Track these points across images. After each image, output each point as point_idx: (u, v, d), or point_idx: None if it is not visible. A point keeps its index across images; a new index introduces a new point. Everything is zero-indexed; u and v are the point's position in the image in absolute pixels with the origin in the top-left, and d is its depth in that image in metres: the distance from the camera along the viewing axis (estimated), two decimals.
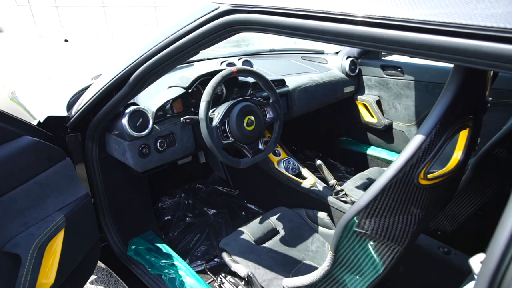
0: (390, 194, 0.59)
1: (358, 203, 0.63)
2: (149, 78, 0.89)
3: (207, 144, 1.15)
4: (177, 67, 1.68)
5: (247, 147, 1.26)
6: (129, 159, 1.13)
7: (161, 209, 1.78)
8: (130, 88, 0.93)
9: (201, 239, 1.60)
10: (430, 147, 0.57)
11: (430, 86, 1.72)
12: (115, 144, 1.16)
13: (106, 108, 1.02)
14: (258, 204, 1.86)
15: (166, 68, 0.86)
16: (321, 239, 1.36)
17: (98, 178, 1.24)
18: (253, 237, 1.28)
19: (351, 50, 2.00)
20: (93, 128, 1.12)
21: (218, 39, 0.75)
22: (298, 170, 1.64)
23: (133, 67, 0.88)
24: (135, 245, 1.31)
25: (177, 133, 1.25)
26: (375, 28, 0.49)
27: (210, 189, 1.96)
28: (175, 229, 1.65)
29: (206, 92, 1.14)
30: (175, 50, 0.79)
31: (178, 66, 1.70)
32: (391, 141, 2.01)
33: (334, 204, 1.41)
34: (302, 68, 1.97)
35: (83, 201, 1.01)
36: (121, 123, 1.09)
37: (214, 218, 1.74)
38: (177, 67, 1.69)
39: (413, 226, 0.65)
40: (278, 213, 1.41)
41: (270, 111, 1.35)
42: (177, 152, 1.27)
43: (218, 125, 1.17)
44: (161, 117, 1.22)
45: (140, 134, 1.12)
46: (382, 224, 0.63)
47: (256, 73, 1.27)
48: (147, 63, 0.85)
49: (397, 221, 0.63)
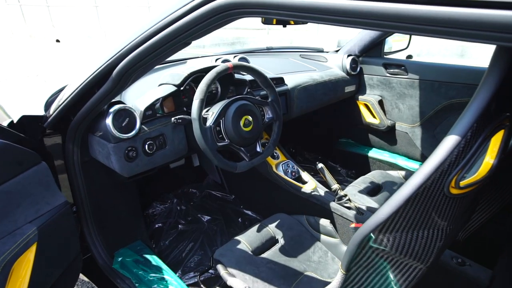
0: (415, 206, 0.50)
1: (377, 216, 0.53)
2: (134, 72, 0.79)
3: (200, 146, 1.05)
4: (168, 65, 1.58)
5: (244, 149, 1.16)
6: (114, 163, 1.02)
7: (152, 216, 1.67)
8: (113, 84, 0.82)
9: (195, 248, 1.50)
10: (465, 150, 0.48)
11: (435, 85, 1.64)
12: (98, 146, 1.05)
13: (88, 107, 0.92)
14: (255, 210, 1.76)
15: (153, 61, 0.76)
16: (323, 248, 1.27)
17: (81, 183, 1.13)
18: (250, 247, 1.19)
19: (351, 48, 1.92)
20: (73, 129, 1.02)
21: (212, 26, 0.65)
22: (297, 174, 1.55)
23: (115, 59, 0.78)
24: (121, 256, 1.20)
25: (168, 135, 1.14)
26: (401, 4, 0.40)
27: (204, 194, 1.85)
28: (166, 237, 1.54)
29: (199, 90, 1.04)
30: (163, 39, 0.69)
31: (170, 64, 1.61)
32: (394, 143, 1.93)
33: (337, 210, 1.32)
34: (301, 67, 1.88)
35: (60, 210, 0.90)
36: (104, 123, 0.98)
37: (209, 225, 1.63)
38: (169, 64, 1.60)
39: (439, 241, 0.55)
40: (277, 220, 1.32)
41: (268, 111, 1.25)
42: (168, 155, 1.16)
43: (212, 126, 1.07)
44: (150, 117, 1.11)
45: (126, 136, 1.01)
46: (404, 240, 0.54)
47: (253, 69, 1.17)
48: (131, 55, 0.74)
49: (421, 236, 0.54)
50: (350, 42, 1.93)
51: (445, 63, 1.61)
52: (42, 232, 0.81)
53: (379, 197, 1.52)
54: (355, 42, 1.89)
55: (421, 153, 1.80)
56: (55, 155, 1.10)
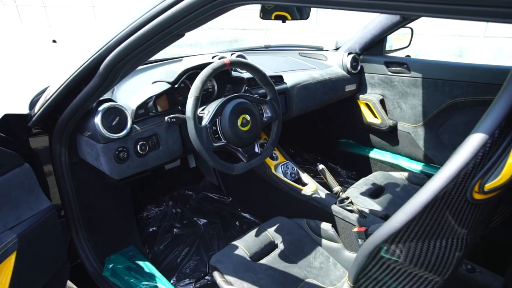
0: (434, 213, 0.45)
1: (390, 224, 0.48)
2: (123, 67, 0.73)
3: (196, 146, 1.00)
4: (163, 62, 1.53)
5: (242, 150, 1.10)
6: (103, 164, 0.96)
7: (146, 219, 1.61)
8: (100, 80, 0.76)
9: (190, 253, 1.44)
10: (491, 151, 0.43)
11: (439, 83, 1.59)
12: (87, 147, 0.99)
13: (74, 104, 0.86)
14: (253, 213, 1.70)
15: (144, 55, 0.70)
16: (325, 254, 1.21)
17: (69, 186, 1.07)
18: (248, 253, 1.13)
19: (352, 46, 1.87)
20: (60, 129, 0.96)
21: (205, 16, 0.59)
22: (297, 176, 1.49)
23: (102, 53, 0.72)
24: (112, 263, 1.14)
25: (162, 135, 1.09)
26: None
27: (200, 197, 1.79)
28: (160, 242, 1.48)
29: (194, 87, 0.99)
30: (153, 30, 0.63)
31: (165, 61, 1.55)
32: (396, 143, 1.88)
33: (338, 214, 1.27)
34: (301, 65, 1.83)
35: (45, 215, 0.84)
36: (93, 122, 0.92)
37: (205, 228, 1.58)
38: (164, 62, 1.54)
39: (459, 251, 0.50)
40: (276, 224, 1.26)
41: (267, 110, 1.20)
42: (161, 156, 1.10)
43: (208, 125, 1.01)
44: (143, 116, 1.05)
45: (117, 136, 0.95)
46: (420, 250, 0.48)
47: (251, 66, 1.12)
48: (119, 47, 0.69)
49: (439, 246, 0.49)
50: (350, 40, 1.88)
51: (449, 61, 1.56)
52: (23, 240, 0.75)
53: (381, 199, 1.47)
54: (356, 40, 1.84)
55: (424, 153, 1.75)
56: (42, 157, 1.04)
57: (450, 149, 1.66)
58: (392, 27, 1.64)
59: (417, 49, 6.27)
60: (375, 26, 1.70)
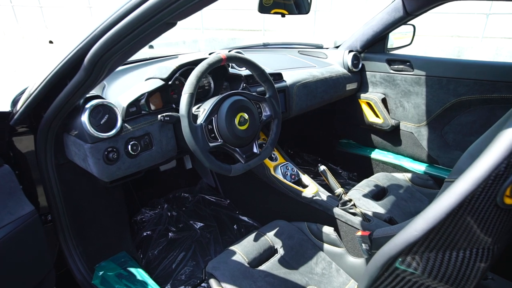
0: (458, 219, 0.39)
1: (407, 232, 0.42)
2: (110, 59, 0.67)
3: (190, 146, 0.94)
4: (158, 60, 1.47)
5: (239, 150, 1.05)
6: (91, 166, 0.90)
7: (140, 223, 1.55)
8: (85, 74, 0.70)
9: (186, 258, 1.37)
10: None
11: (443, 81, 1.54)
12: (74, 147, 0.93)
13: (59, 101, 0.80)
14: (252, 216, 1.64)
15: (131, 45, 0.64)
16: (327, 259, 1.16)
17: (56, 189, 1.01)
18: (246, 258, 1.07)
19: (353, 43, 1.82)
20: (45, 127, 0.89)
21: (198, 1, 0.53)
22: (297, 177, 1.43)
23: (86, 44, 0.66)
24: (103, 270, 1.07)
25: (155, 134, 1.03)
26: None
27: (197, 199, 1.73)
28: (155, 246, 1.41)
29: (188, 83, 0.93)
30: (140, 17, 0.57)
31: (159, 59, 1.49)
32: (398, 143, 1.82)
33: (341, 217, 1.21)
34: (300, 63, 1.78)
35: (27, 220, 0.78)
36: (80, 120, 0.86)
37: (201, 232, 1.51)
38: (158, 59, 1.48)
39: (483, 262, 0.44)
40: (276, 228, 1.20)
41: (266, 108, 1.14)
42: (155, 156, 1.04)
43: (203, 124, 0.95)
44: (134, 114, 0.99)
45: (106, 135, 0.89)
46: (440, 262, 0.43)
47: (249, 61, 1.07)
48: (104, 37, 0.63)
49: (462, 257, 0.43)
50: (351, 38, 1.83)
51: (454, 58, 1.51)
52: (1, 247, 0.69)
53: (384, 201, 1.41)
54: (357, 37, 1.79)
55: (427, 154, 1.70)
56: (28, 158, 0.98)
57: (455, 149, 1.61)
58: (395, 23, 1.58)
59: (415, 49, 6.24)
60: (377, 23, 1.65)
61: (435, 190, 1.52)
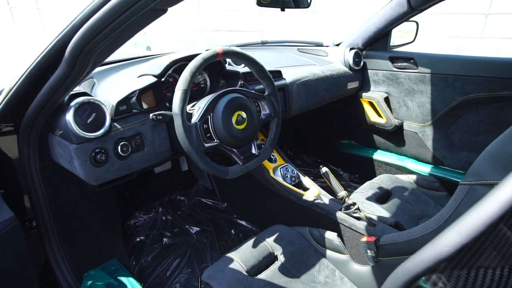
0: (498, 232, 0.33)
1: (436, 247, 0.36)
2: (94, 50, 0.60)
3: (184, 147, 0.88)
4: (152, 57, 1.40)
5: (237, 151, 0.98)
6: (77, 168, 0.83)
7: (133, 228, 1.48)
8: (67, 67, 0.64)
9: (181, 265, 1.31)
10: None
11: (449, 79, 1.48)
12: (59, 148, 0.87)
13: (41, 97, 0.74)
14: (250, 220, 1.58)
15: (116, 34, 0.58)
16: (330, 266, 1.09)
17: (41, 193, 0.94)
18: (245, 266, 1.01)
19: (354, 41, 1.77)
20: (28, 127, 0.83)
21: None
22: (298, 179, 1.37)
23: (67, 34, 0.60)
24: (91, 279, 1.01)
25: (147, 134, 0.96)
26: None
27: (193, 202, 1.67)
28: (149, 252, 1.35)
29: (182, 79, 0.87)
30: (123, 2, 0.51)
31: (154, 57, 1.43)
32: (402, 144, 1.77)
33: (344, 221, 1.14)
34: (300, 61, 1.72)
35: (5, 228, 0.71)
36: (64, 119, 0.80)
37: (198, 237, 1.45)
38: (153, 57, 1.42)
39: None
40: (276, 233, 1.14)
41: (265, 106, 1.08)
42: (147, 158, 0.98)
43: (198, 123, 0.89)
44: (125, 112, 0.93)
45: (93, 135, 0.83)
46: (472, 281, 0.36)
47: (247, 56, 1.01)
48: (85, 26, 0.56)
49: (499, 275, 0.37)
50: (352, 35, 1.77)
51: (460, 55, 1.46)
52: None
53: (389, 204, 1.35)
54: (358, 34, 1.73)
55: (432, 155, 1.64)
56: (11, 160, 0.92)
57: (461, 149, 1.55)
58: (398, 19, 1.53)
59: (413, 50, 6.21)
60: (379, 19, 1.59)
61: (442, 192, 1.46)
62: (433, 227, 0.83)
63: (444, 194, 1.45)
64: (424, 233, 0.85)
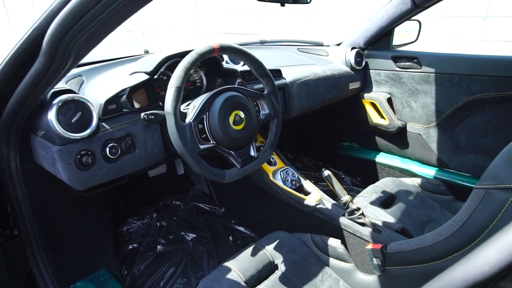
0: None
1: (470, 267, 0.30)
2: (74, 41, 0.54)
3: (177, 149, 0.82)
4: (146, 55, 1.35)
5: (235, 153, 0.92)
6: (60, 171, 0.77)
7: (126, 234, 1.41)
8: (46, 60, 0.58)
9: (176, 274, 1.24)
10: None
11: (455, 79, 1.43)
12: (41, 149, 0.80)
13: (18, 94, 0.67)
14: (249, 226, 1.51)
15: (98, 23, 0.51)
16: (334, 276, 1.03)
17: (22, 199, 0.88)
18: (243, 276, 0.94)
19: (356, 40, 1.72)
20: (6, 126, 0.77)
21: None
22: (299, 183, 1.31)
23: (44, 22, 0.54)
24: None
25: (138, 135, 0.90)
26: None
27: (189, 207, 1.60)
28: (142, 261, 1.28)
29: (175, 75, 0.81)
30: None
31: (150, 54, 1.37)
32: (405, 146, 1.71)
33: (348, 228, 1.08)
34: (300, 60, 1.67)
35: None
36: (46, 118, 0.73)
37: (194, 245, 1.38)
38: (147, 54, 1.36)
39: None
40: (276, 240, 1.08)
41: (264, 106, 1.02)
42: (138, 161, 0.92)
43: (193, 123, 0.83)
44: (114, 112, 0.87)
45: (78, 135, 0.76)
46: None
47: (246, 53, 0.95)
48: (62, 12, 0.50)
49: None
50: (353, 34, 1.72)
51: (466, 53, 1.41)
52: None
53: (394, 209, 1.29)
54: (360, 33, 1.68)
55: (437, 157, 1.59)
56: None
57: (468, 152, 1.50)
58: (402, 17, 1.48)
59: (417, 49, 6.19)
60: (382, 17, 1.54)
61: (448, 196, 1.41)
62: (446, 235, 0.77)
63: (450, 198, 1.40)
64: (436, 240, 0.79)
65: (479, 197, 0.69)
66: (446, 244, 0.77)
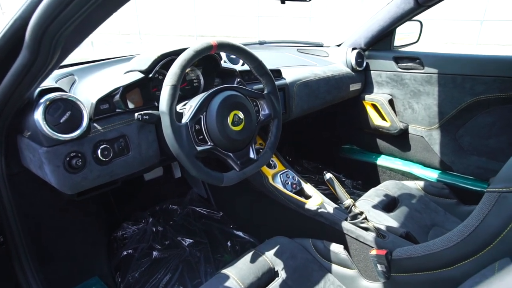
0: None
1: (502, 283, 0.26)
2: (59, 32, 0.50)
3: (173, 150, 0.78)
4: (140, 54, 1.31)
5: (233, 155, 0.88)
6: (48, 174, 0.72)
7: (121, 240, 1.36)
8: (30, 54, 0.54)
9: (172, 281, 1.19)
10: None
11: (458, 79, 1.40)
12: (28, 151, 0.76)
13: (1, 91, 0.63)
14: (248, 231, 1.47)
15: (87, 11, 0.47)
16: (336, 283, 0.99)
17: (8, 204, 0.83)
18: (242, 284, 0.90)
19: (356, 40, 1.69)
20: None
21: None
22: (299, 186, 1.27)
23: (25, 11, 0.50)
24: None
25: (132, 136, 0.86)
26: None
27: (186, 211, 1.56)
28: (136, 268, 1.23)
29: (171, 73, 0.77)
30: None
31: None
32: (407, 148, 1.68)
33: (351, 232, 1.04)
34: (300, 61, 1.64)
35: None
36: (33, 118, 0.69)
37: (191, 250, 1.34)
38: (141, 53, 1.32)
39: None
40: (276, 246, 1.03)
41: (264, 106, 0.99)
42: (132, 163, 0.87)
43: (189, 123, 0.79)
44: (106, 112, 0.83)
45: (67, 136, 0.72)
46: None
47: (245, 50, 0.91)
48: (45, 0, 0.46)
49: None
50: (354, 34, 1.70)
51: (470, 54, 1.38)
52: None
53: (397, 213, 1.26)
54: (361, 34, 1.66)
55: (440, 160, 1.55)
56: None
57: (471, 154, 1.47)
58: (404, 17, 1.45)
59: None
60: (383, 17, 1.52)
61: (452, 199, 1.37)
62: (456, 240, 0.73)
63: (454, 201, 1.36)
64: (445, 246, 0.75)
65: (492, 201, 0.65)
66: (456, 251, 0.73)
